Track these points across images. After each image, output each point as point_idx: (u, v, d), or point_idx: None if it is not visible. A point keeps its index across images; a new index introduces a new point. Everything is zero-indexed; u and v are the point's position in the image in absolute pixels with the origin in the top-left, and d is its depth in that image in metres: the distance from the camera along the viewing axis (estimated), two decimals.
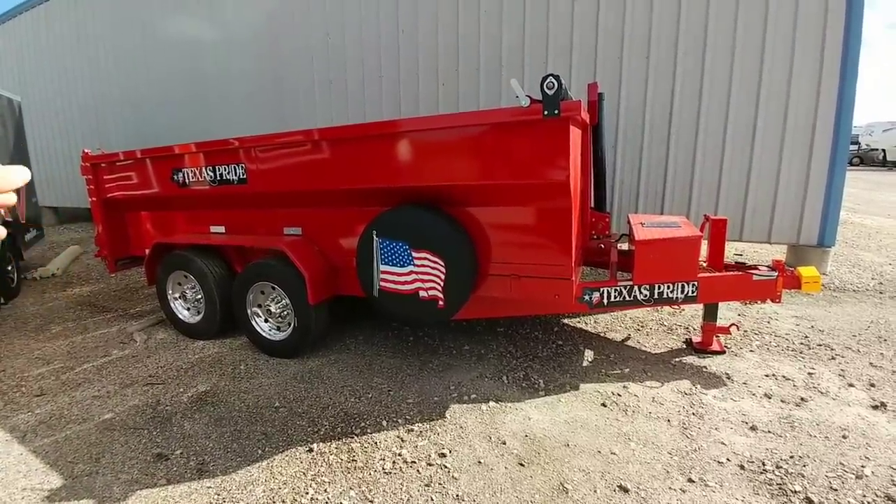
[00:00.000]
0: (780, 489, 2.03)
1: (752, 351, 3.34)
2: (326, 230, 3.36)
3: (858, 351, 3.30)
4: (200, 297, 3.79)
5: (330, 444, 2.44)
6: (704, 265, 3.22)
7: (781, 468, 2.15)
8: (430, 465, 2.26)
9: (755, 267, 3.14)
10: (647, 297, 2.93)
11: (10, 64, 10.88)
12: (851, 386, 2.84)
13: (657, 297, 2.94)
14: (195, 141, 3.58)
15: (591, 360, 3.29)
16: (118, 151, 4.07)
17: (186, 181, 3.64)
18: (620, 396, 2.80)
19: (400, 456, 2.33)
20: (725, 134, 5.01)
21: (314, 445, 2.43)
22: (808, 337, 3.55)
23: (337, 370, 3.25)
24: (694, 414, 2.60)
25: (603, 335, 3.70)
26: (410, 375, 3.14)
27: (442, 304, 2.79)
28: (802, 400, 2.70)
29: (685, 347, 3.42)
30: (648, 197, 5.42)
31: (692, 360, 3.23)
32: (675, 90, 5.10)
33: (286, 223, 3.51)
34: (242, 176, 3.35)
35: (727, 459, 2.23)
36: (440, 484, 2.14)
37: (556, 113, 2.36)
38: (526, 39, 5.63)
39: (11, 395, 3.10)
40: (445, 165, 2.72)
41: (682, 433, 2.44)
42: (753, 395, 2.77)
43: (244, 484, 2.18)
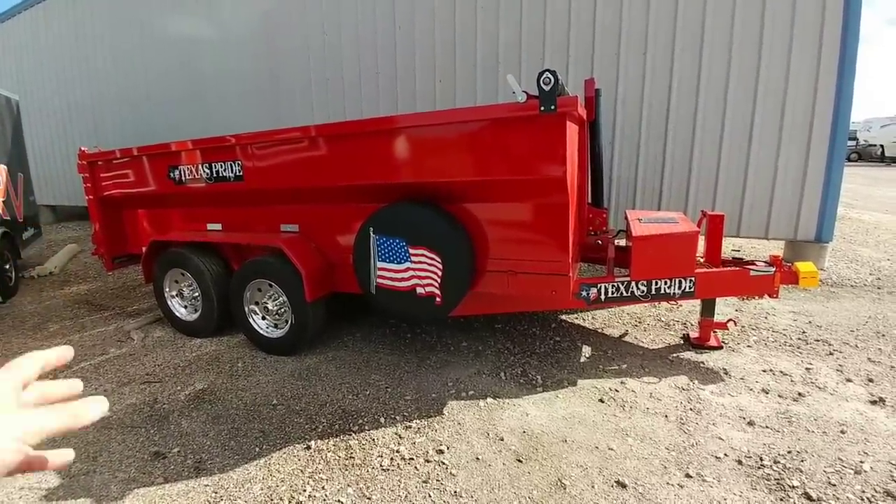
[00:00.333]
0: (778, 484, 2.03)
1: (749, 346, 3.34)
2: (323, 227, 3.35)
3: (856, 346, 3.30)
4: (197, 294, 3.78)
5: (328, 441, 2.44)
6: (702, 261, 3.22)
7: (779, 463, 2.15)
8: (427, 461, 2.26)
9: (752, 262, 3.14)
10: (644, 293, 2.93)
11: (8, 63, 10.85)
12: (849, 381, 2.84)
13: (654, 293, 2.93)
14: (192, 138, 3.56)
15: (588, 356, 3.29)
16: (115, 149, 4.06)
17: (183, 178, 3.62)
18: (618, 392, 2.80)
19: (398, 453, 2.33)
20: (723, 130, 4.99)
21: (312, 443, 2.43)
22: (805, 332, 3.55)
23: (334, 367, 3.25)
24: (691, 409, 2.60)
25: (600, 331, 3.70)
26: (408, 372, 3.14)
27: (439, 300, 2.78)
28: (800, 395, 2.70)
29: (683, 343, 3.42)
30: (646, 193, 5.41)
31: (690, 355, 3.23)
32: (672, 86, 5.09)
33: (283, 220, 3.49)
34: (239, 173, 3.34)
35: (725, 454, 2.23)
36: (438, 480, 2.13)
37: (552, 108, 2.35)
38: (523, 35, 5.61)
39: None
40: (442, 161, 2.72)
41: (679, 428, 2.44)
42: (751, 390, 2.78)
43: (242, 482, 2.18)
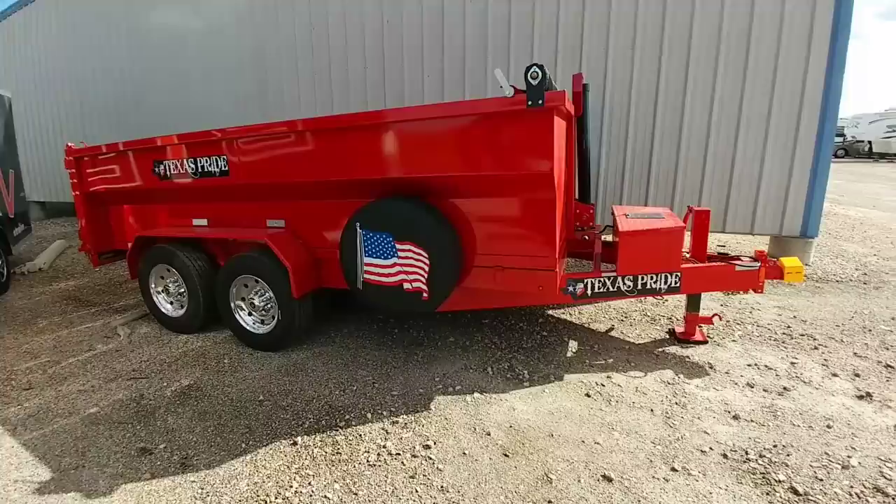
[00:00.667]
0: (763, 478, 2.04)
1: (734, 341, 3.37)
2: (310, 222, 3.33)
3: (842, 341, 3.33)
4: (183, 290, 3.75)
5: (314, 437, 2.44)
6: (688, 256, 3.24)
7: (765, 457, 2.16)
8: (414, 456, 2.27)
9: (738, 257, 3.16)
10: (630, 287, 2.94)
11: None
12: (835, 376, 2.86)
13: (641, 287, 2.95)
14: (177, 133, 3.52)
15: (575, 350, 3.31)
16: (100, 145, 4.00)
17: (168, 174, 3.58)
18: (604, 387, 2.81)
19: (385, 448, 2.33)
20: (710, 125, 5.00)
21: (298, 438, 2.42)
22: (790, 327, 3.58)
23: (321, 363, 3.24)
24: (677, 403, 2.62)
25: (587, 326, 3.71)
26: (395, 367, 3.14)
27: (426, 296, 2.78)
28: (785, 389, 2.72)
29: (668, 337, 3.44)
30: (633, 188, 5.43)
31: (675, 350, 3.25)
32: (659, 82, 5.09)
33: (269, 215, 3.47)
34: (224, 168, 3.31)
35: (710, 448, 2.24)
36: (425, 475, 2.14)
37: (540, 103, 2.35)
38: (511, 30, 5.59)
39: (2, 388, 3.09)
40: (429, 156, 2.70)
41: (665, 422, 2.46)
42: (736, 384, 2.80)
43: (228, 478, 2.17)
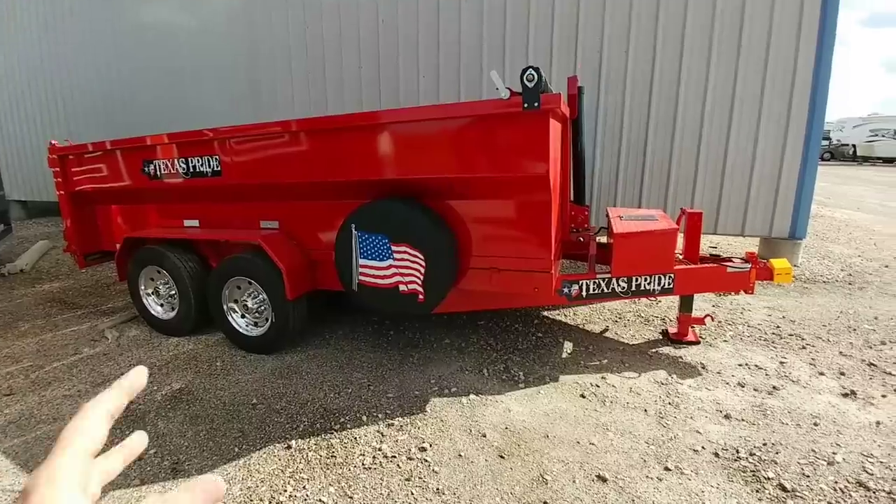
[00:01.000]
0: (753, 476, 2.07)
1: (725, 341, 3.41)
2: (304, 224, 3.30)
3: (828, 340, 3.40)
4: (174, 292, 3.69)
5: (309, 440, 2.41)
6: (681, 257, 3.27)
7: (755, 455, 2.20)
8: (410, 459, 2.26)
9: (729, 259, 3.20)
10: (625, 289, 2.96)
11: None
12: (822, 374, 2.92)
13: (635, 289, 2.97)
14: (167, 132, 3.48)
15: (570, 351, 3.32)
16: (86, 143, 3.93)
17: (158, 173, 3.53)
18: (599, 387, 2.83)
19: (380, 451, 2.31)
20: (701, 129, 5.07)
21: (293, 442, 2.40)
22: (779, 327, 3.64)
23: (316, 365, 3.21)
24: (670, 403, 2.64)
25: (582, 327, 3.73)
26: (391, 370, 3.12)
27: (422, 297, 2.77)
28: (775, 388, 2.76)
29: (661, 338, 3.47)
30: (626, 190, 5.48)
31: (668, 350, 3.28)
32: (652, 87, 5.14)
33: (263, 216, 3.44)
34: (216, 168, 3.27)
35: (702, 447, 2.27)
36: (420, 478, 2.13)
37: (535, 105, 2.35)
38: (507, 31, 5.61)
39: None
40: (424, 158, 2.69)
41: (658, 422, 2.48)
42: (727, 384, 2.83)
43: None
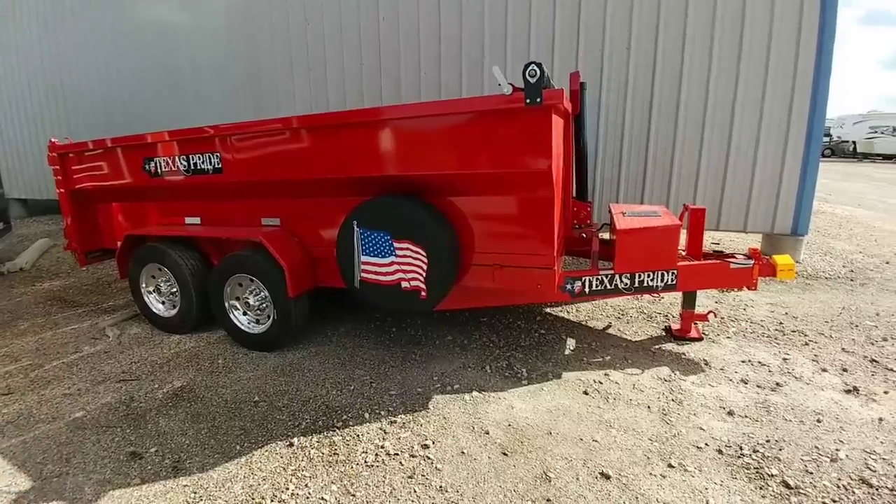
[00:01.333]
0: (757, 473, 2.07)
1: (728, 337, 3.40)
2: (306, 221, 3.29)
3: (831, 336, 3.39)
4: (175, 290, 3.69)
5: (311, 437, 2.41)
6: (683, 254, 3.26)
7: (758, 452, 2.19)
8: (413, 456, 2.25)
9: (732, 255, 3.19)
10: (627, 285, 2.96)
11: None
12: (825, 371, 2.91)
13: (638, 285, 2.96)
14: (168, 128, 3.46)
15: (572, 348, 3.31)
16: (87, 141, 3.91)
17: (159, 171, 3.52)
18: (602, 384, 2.82)
19: (382, 448, 2.31)
20: (704, 126, 5.07)
21: (295, 440, 2.39)
22: (782, 323, 3.63)
23: (318, 362, 3.20)
24: (673, 400, 2.63)
25: (584, 324, 3.72)
26: (393, 367, 3.11)
27: (424, 294, 2.76)
28: (778, 385, 2.76)
29: (664, 335, 3.47)
30: (629, 186, 5.47)
31: (671, 347, 3.27)
32: (654, 83, 5.13)
33: (264, 214, 3.42)
34: (217, 165, 3.26)
35: (706, 444, 2.26)
36: (423, 475, 2.12)
37: (538, 101, 2.34)
38: (508, 26, 5.59)
39: None
40: (426, 154, 2.68)
41: (661, 419, 2.47)
42: (730, 380, 2.83)
43: (222, 481, 2.13)
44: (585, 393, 2.74)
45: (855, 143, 23.81)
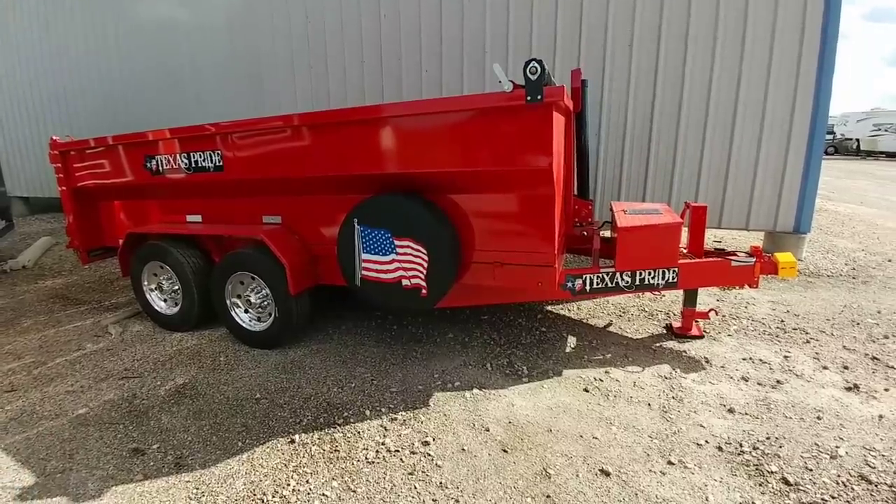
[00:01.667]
0: (756, 470, 2.07)
1: (729, 335, 3.40)
2: (307, 218, 3.30)
3: (832, 334, 3.39)
4: (177, 288, 3.70)
5: (312, 434, 2.42)
6: (685, 251, 3.26)
7: (758, 449, 2.19)
8: (413, 453, 2.26)
9: (734, 253, 3.19)
10: (629, 283, 2.95)
11: None
12: (826, 368, 2.91)
13: (639, 283, 2.96)
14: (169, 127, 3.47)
15: (573, 346, 3.32)
16: (88, 139, 3.92)
17: (160, 168, 3.52)
18: (602, 381, 2.82)
19: (383, 445, 2.32)
20: (706, 124, 5.05)
21: (296, 436, 2.40)
22: (783, 321, 3.63)
23: (319, 360, 3.21)
24: (674, 398, 2.64)
25: (585, 321, 3.72)
26: (394, 364, 3.12)
27: (425, 292, 2.76)
28: (778, 382, 2.76)
29: (665, 332, 3.47)
30: (631, 184, 5.46)
31: (672, 344, 3.27)
32: (657, 81, 5.11)
33: (265, 212, 3.43)
34: (219, 163, 3.26)
35: (706, 441, 2.27)
36: (424, 472, 2.13)
37: (539, 98, 2.33)
38: (510, 24, 5.57)
39: None
40: (427, 152, 2.68)
41: (662, 416, 2.47)
42: (731, 378, 2.83)
43: (224, 477, 2.15)
44: (586, 390, 2.74)
45: (858, 140, 23.71)
